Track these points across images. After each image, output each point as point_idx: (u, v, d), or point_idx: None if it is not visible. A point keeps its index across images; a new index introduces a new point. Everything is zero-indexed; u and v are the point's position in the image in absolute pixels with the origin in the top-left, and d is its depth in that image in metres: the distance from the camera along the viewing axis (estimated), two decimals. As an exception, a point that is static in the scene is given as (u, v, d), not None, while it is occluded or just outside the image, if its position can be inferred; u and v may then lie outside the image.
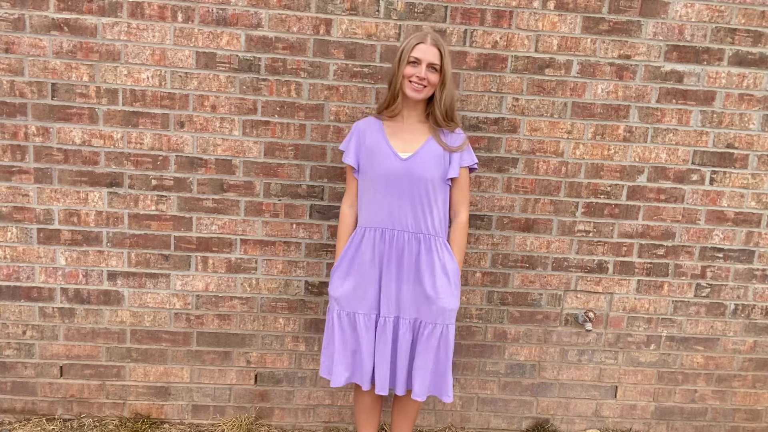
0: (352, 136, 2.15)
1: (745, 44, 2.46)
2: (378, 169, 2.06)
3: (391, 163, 2.04)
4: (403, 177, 2.03)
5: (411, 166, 2.04)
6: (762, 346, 2.75)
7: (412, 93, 2.01)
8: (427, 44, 1.99)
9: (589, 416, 2.78)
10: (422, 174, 2.04)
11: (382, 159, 2.05)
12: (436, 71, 2.01)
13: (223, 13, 2.34)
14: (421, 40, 1.99)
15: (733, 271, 2.66)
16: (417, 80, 1.99)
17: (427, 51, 1.98)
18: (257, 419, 2.68)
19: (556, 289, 2.64)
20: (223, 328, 2.59)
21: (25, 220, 2.45)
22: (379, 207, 2.07)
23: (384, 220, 2.08)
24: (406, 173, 2.03)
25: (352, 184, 2.19)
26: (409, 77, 1.99)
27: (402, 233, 2.07)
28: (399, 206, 2.05)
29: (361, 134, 2.13)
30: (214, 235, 2.51)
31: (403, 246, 2.08)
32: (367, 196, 2.11)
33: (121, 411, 2.65)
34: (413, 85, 2.00)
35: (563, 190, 2.55)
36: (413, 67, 1.99)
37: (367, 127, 2.13)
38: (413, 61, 1.99)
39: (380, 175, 2.06)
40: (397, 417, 2.31)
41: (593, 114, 2.49)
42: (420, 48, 1.98)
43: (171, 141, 2.42)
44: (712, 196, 2.59)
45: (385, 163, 2.05)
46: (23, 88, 2.35)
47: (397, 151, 2.05)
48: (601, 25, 2.42)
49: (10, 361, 2.57)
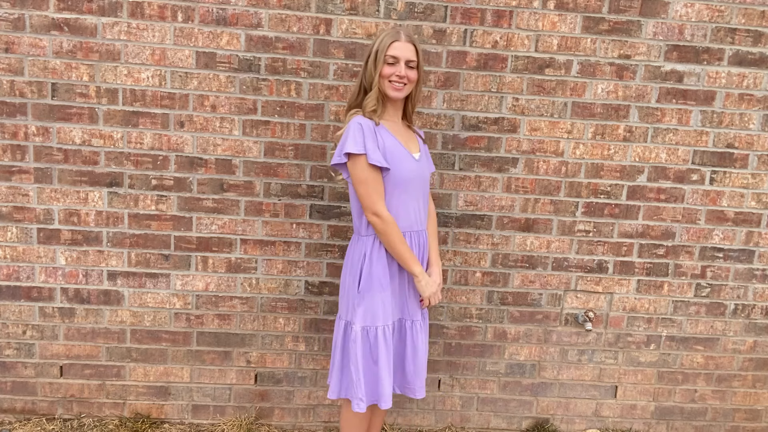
0: (364, 135, 1.89)
1: (745, 44, 2.46)
2: (402, 171, 1.96)
3: (410, 164, 1.99)
4: (418, 177, 2.02)
5: (422, 166, 2.06)
6: (762, 346, 2.75)
7: (394, 93, 1.94)
8: (402, 41, 1.92)
9: (589, 416, 2.78)
10: (429, 172, 2.11)
11: (402, 160, 1.96)
12: (414, 68, 1.95)
13: (223, 13, 2.34)
14: (396, 38, 1.91)
15: (733, 271, 2.66)
16: (397, 79, 1.92)
17: (403, 48, 1.91)
18: (257, 419, 2.68)
19: (556, 289, 2.64)
20: (223, 328, 2.59)
21: (25, 219, 2.45)
22: (407, 209, 2.01)
23: (412, 223, 2.03)
24: (419, 174, 2.03)
25: (381, 186, 1.93)
26: (388, 77, 1.92)
27: (421, 233, 2.09)
28: (417, 207, 2.05)
29: (373, 133, 1.92)
30: (214, 235, 2.51)
31: (423, 244, 2.10)
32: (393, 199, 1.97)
33: (121, 411, 2.65)
34: (394, 84, 1.93)
35: (563, 190, 2.55)
36: (391, 66, 1.92)
37: (373, 126, 1.94)
38: (391, 61, 1.91)
39: (404, 176, 1.96)
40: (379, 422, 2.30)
41: (593, 114, 2.49)
42: (396, 46, 1.91)
43: (171, 141, 2.42)
44: (712, 196, 2.59)
45: (406, 164, 1.97)
46: (23, 88, 2.35)
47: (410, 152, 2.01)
48: (601, 25, 2.42)
49: (10, 361, 2.57)
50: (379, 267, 1.97)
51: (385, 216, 1.92)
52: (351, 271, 2.02)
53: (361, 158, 1.89)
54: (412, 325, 2.07)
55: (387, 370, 1.97)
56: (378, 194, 1.92)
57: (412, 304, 2.08)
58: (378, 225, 1.92)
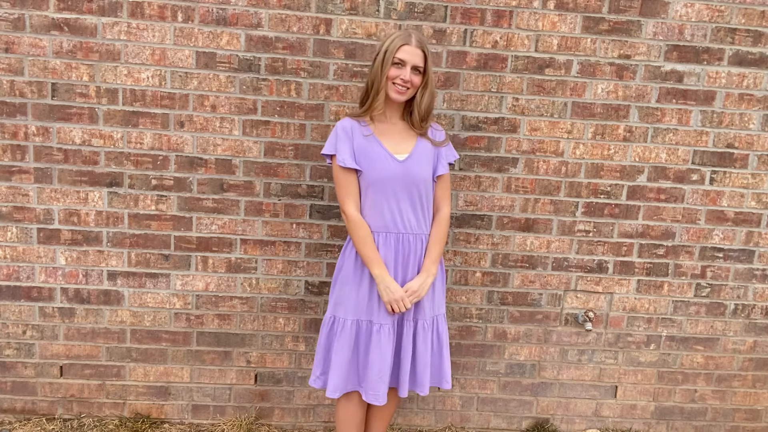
0: (337, 137, 2.00)
1: (745, 44, 2.46)
2: (376, 172, 1.99)
3: (389, 164, 1.99)
4: (401, 178, 1.99)
5: (409, 167, 2.01)
6: (762, 346, 2.75)
7: (396, 95, 1.96)
8: (412, 46, 1.92)
9: (589, 416, 2.78)
10: (421, 174, 2.04)
11: (378, 161, 1.99)
12: (420, 73, 1.97)
13: (223, 13, 2.34)
14: (406, 41, 1.92)
15: (733, 271, 2.66)
16: (401, 83, 1.94)
17: (412, 53, 1.92)
18: (257, 419, 2.68)
19: (556, 289, 2.64)
20: (223, 328, 2.59)
21: (25, 219, 2.45)
22: (380, 210, 2.02)
23: (388, 224, 2.03)
24: (403, 175, 2.00)
25: (352, 186, 2.02)
26: (393, 79, 1.94)
27: (407, 236, 2.05)
28: (396, 208, 2.01)
29: (348, 135, 2.00)
30: (214, 235, 2.51)
31: (409, 248, 2.05)
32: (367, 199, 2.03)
33: (121, 411, 2.65)
34: (397, 87, 1.95)
35: (563, 190, 2.55)
36: (397, 68, 1.93)
37: (353, 128, 2.01)
38: (397, 62, 1.93)
39: (379, 177, 1.99)
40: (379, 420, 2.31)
41: (593, 114, 2.49)
42: (405, 49, 1.92)
43: (171, 141, 2.42)
44: (712, 196, 2.59)
45: (383, 165, 1.99)
46: (23, 88, 2.35)
47: (391, 153, 2.01)
48: (601, 24, 2.42)
49: (10, 361, 2.57)
50: (349, 263, 2.08)
51: (350, 215, 2.02)
52: (337, 264, 2.16)
53: (334, 159, 2.03)
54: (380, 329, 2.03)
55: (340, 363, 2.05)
56: (346, 194, 2.03)
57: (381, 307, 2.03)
58: (346, 223, 2.05)
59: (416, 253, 2.06)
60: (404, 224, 2.03)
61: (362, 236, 2.01)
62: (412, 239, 2.05)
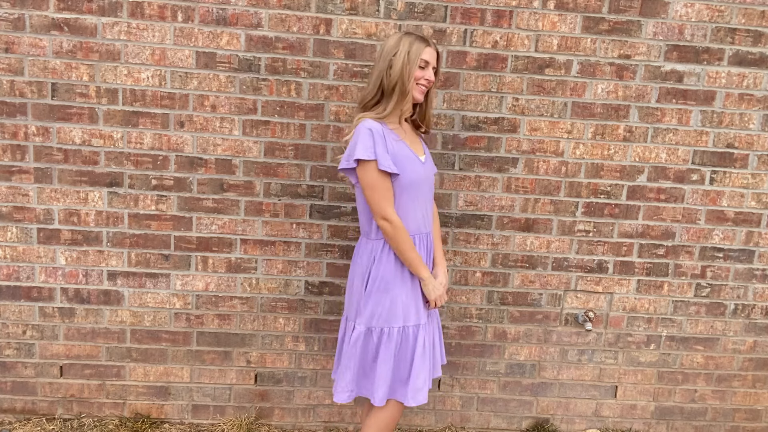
0: (374, 141, 1.89)
1: (745, 44, 2.46)
2: (411, 174, 1.96)
3: (418, 167, 1.99)
4: (425, 180, 2.03)
5: (428, 168, 2.06)
6: (762, 346, 2.75)
7: (419, 95, 2.00)
8: (432, 48, 1.98)
9: (589, 416, 2.78)
10: (433, 175, 2.10)
11: (410, 164, 1.97)
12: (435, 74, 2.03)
13: (223, 13, 2.34)
14: (427, 44, 1.97)
15: (733, 271, 2.66)
16: (426, 83, 1.98)
17: (432, 55, 1.98)
18: (257, 419, 2.68)
19: (556, 289, 2.64)
20: (223, 328, 2.59)
21: (25, 219, 2.45)
22: (414, 213, 2.02)
23: (420, 226, 2.04)
24: (426, 176, 2.03)
25: (390, 192, 1.93)
26: (418, 80, 1.97)
27: (428, 234, 2.09)
28: (424, 210, 2.05)
29: (383, 138, 1.91)
30: (214, 235, 2.51)
31: (429, 245, 2.10)
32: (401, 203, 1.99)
33: (121, 411, 2.65)
34: (420, 87, 1.99)
35: (563, 190, 2.55)
36: (421, 70, 1.97)
37: (382, 130, 1.93)
38: (422, 65, 1.96)
39: (412, 180, 1.97)
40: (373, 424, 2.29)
41: (593, 114, 2.49)
42: (428, 51, 1.97)
43: (171, 141, 2.42)
44: (712, 195, 2.59)
45: (415, 167, 1.98)
46: (23, 88, 2.35)
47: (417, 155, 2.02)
48: (601, 24, 2.42)
49: (10, 361, 2.57)
50: (388, 270, 1.98)
51: (395, 221, 1.92)
52: (359, 273, 2.03)
53: (371, 164, 1.88)
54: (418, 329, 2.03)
55: (386, 372, 1.97)
56: (387, 199, 1.93)
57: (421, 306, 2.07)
58: (388, 230, 1.93)
59: (432, 249, 2.14)
60: (426, 224, 2.07)
61: (409, 241, 1.96)
62: (430, 237, 2.11)
